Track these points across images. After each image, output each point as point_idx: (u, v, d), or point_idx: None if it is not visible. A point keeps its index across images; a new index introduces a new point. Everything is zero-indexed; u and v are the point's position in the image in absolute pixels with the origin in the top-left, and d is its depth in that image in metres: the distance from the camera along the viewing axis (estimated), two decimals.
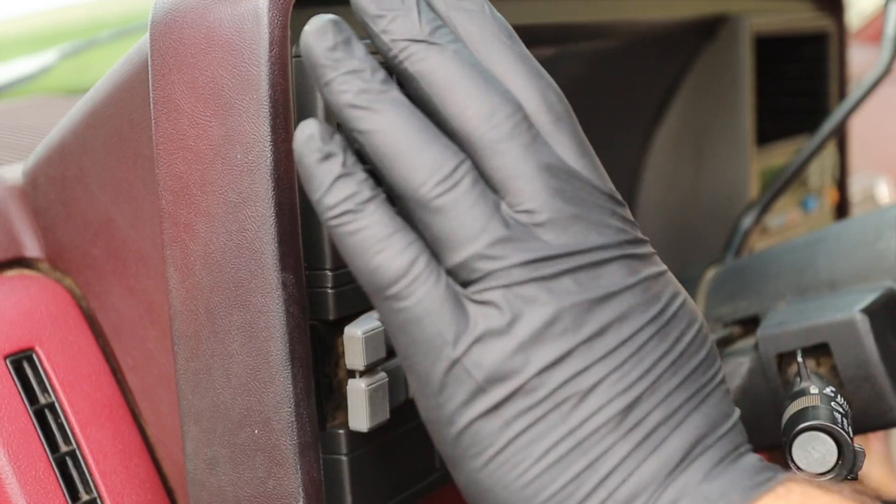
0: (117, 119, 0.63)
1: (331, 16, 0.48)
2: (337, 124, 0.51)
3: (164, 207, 0.57)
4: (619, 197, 0.50)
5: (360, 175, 0.47)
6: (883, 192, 1.53)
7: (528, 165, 0.47)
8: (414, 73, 0.48)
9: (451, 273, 0.47)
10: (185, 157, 0.56)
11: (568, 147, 0.49)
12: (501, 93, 0.48)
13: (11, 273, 0.68)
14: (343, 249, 0.47)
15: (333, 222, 0.47)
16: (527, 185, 0.47)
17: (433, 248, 0.47)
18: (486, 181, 0.47)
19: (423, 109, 0.48)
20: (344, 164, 0.47)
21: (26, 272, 0.69)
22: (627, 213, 0.50)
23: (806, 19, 1.08)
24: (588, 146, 0.50)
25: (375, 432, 0.59)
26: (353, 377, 0.58)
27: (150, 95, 0.56)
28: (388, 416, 0.59)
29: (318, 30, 0.48)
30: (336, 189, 0.47)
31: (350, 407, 0.58)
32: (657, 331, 0.47)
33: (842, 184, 1.15)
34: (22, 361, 0.64)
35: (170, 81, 0.56)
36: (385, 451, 0.61)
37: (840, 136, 1.14)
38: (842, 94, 1.11)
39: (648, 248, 0.49)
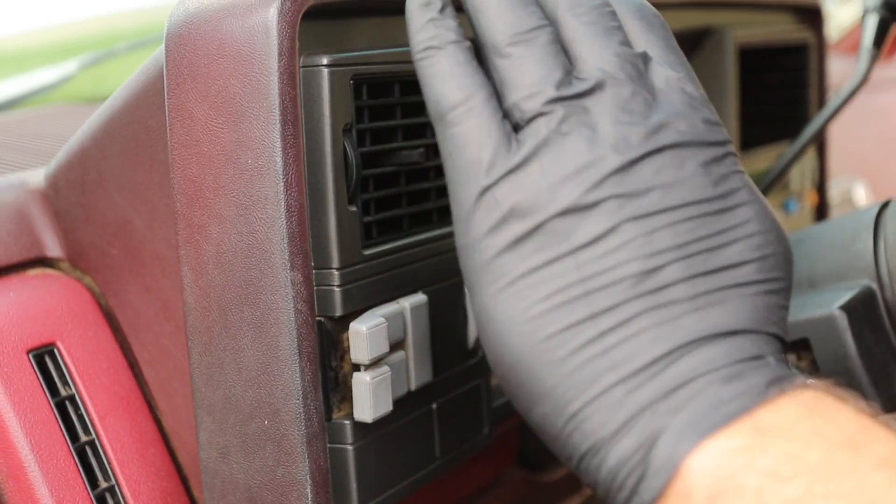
0: (134, 126, 0.63)
1: None
2: None
3: (178, 210, 0.57)
4: (706, 100, 0.50)
5: (451, 23, 0.50)
6: (860, 195, 1.53)
7: (602, 42, 0.49)
8: None
9: (508, 114, 0.48)
10: (198, 161, 0.56)
11: (656, 45, 0.50)
12: None
13: (34, 272, 0.68)
14: (421, 81, 0.50)
15: (418, 56, 0.49)
16: (595, 56, 0.48)
17: (499, 90, 0.49)
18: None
19: None
20: (440, 11, 0.50)
21: (48, 271, 0.69)
22: (713, 114, 0.49)
23: (787, 31, 1.08)
24: (678, 52, 0.51)
25: (379, 423, 0.59)
26: (358, 370, 0.58)
27: (166, 103, 0.56)
28: (391, 407, 0.59)
29: None
30: (426, 29, 0.49)
31: (355, 399, 0.58)
32: (704, 213, 0.46)
33: (821, 187, 1.15)
34: (44, 356, 0.64)
35: (184, 90, 0.56)
36: (388, 441, 0.61)
37: (819, 142, 1.14)
38: (821, 103, 1.11)
39: (729, 148, 0.48)
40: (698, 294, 0.45)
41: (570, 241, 0.45)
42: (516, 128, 0.48)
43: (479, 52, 0.50)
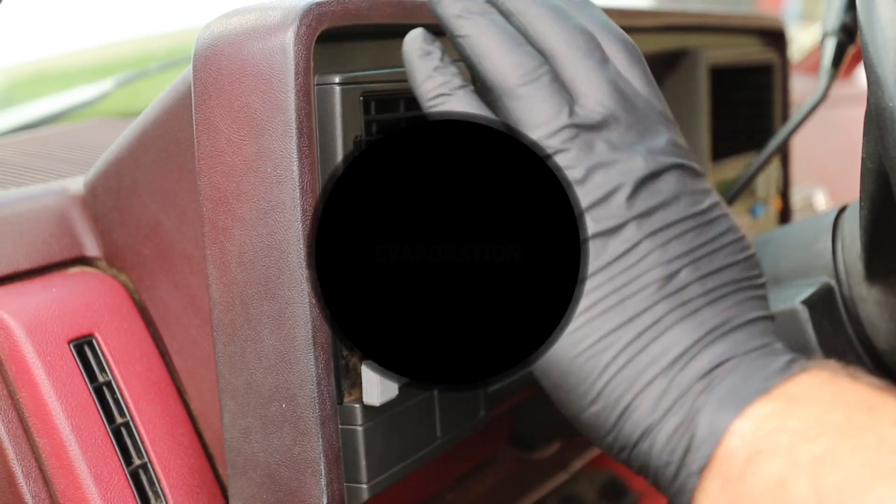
0: (165, 138, 0.63)
1: None
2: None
3: (205, 214, 0.56)
4: (676, 125, 0.50)
5: (455, 69, 0.49)
6: (820, 201, 1.53)
7: (598, 77, 0.48)
8: (511, 9, 0.50)
9: None
10: (222, 170, 0.55)
11: (637, 77, 0.50)
12: (580, 26, 0.50)
13: (74, 270, 0.68)
14: None
15: (430, 103, 0.49)
16: (594, 91, 0.48)
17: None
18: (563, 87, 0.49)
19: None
20: (440, 60, 0.49)
21: (87, 269, 0.69)
22: (682, 139, 0.50)
23: (754, 53, 1.08)
24: (654, 82, 0.51)
25: (385, 406, 0.59)
26: (367, 359, 0.58)
27: (193, 118, 0.56)
28: (396, 392, 0.59)
29: None
30: (433, 77, 0.49)
31: (364, 385, 0.57)
32: (698, 225, 0.47)
33: (785, 193, 1.15)
34: (83, 346, 0.64)
35: (210, 106, 0.56)
36: (394, 423, 0.60)
37: (783, 152, 1.13)
38: (785, 117, 1.11)
39: (698, 167, 0.49)
40: (709, 290, 0.46)
41: (600, 258, 0.46)
42: None
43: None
